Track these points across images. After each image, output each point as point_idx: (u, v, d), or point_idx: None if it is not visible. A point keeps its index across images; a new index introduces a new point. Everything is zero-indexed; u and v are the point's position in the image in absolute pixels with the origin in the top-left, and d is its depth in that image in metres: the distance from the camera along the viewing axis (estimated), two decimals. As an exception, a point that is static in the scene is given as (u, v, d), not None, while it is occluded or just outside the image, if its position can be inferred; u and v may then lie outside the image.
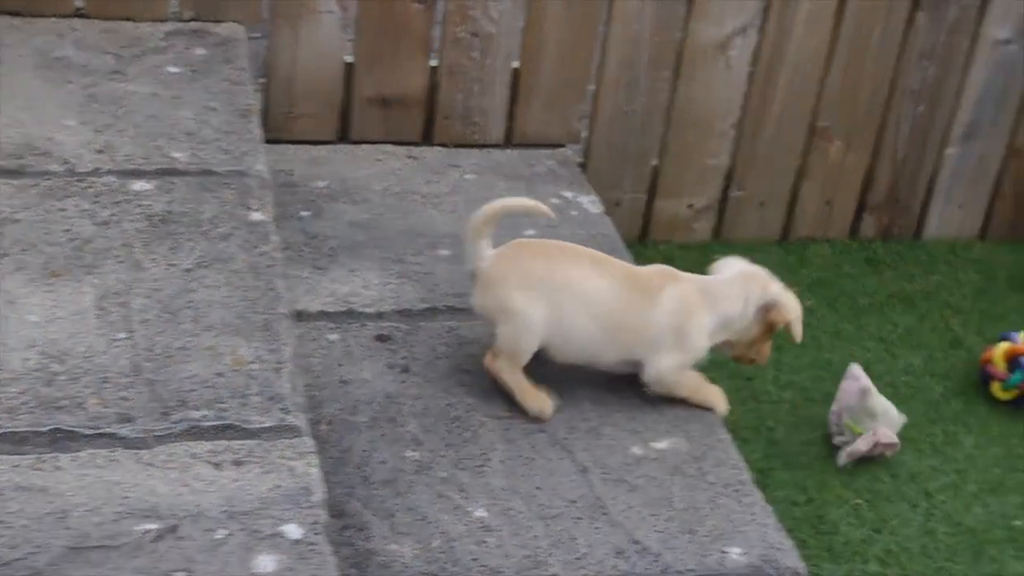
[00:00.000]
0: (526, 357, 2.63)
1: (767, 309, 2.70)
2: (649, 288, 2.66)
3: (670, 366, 2.67)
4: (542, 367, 2.65)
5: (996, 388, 3.29)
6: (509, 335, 2.62)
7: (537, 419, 2.62)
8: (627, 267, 2.74)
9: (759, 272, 2.76)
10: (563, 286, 2.60)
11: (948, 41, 3.65)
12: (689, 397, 2.72)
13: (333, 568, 1.90)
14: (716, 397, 2.76)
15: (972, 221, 3.93)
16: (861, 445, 3.00)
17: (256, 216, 2.59)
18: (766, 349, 2.77)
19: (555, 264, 2.63)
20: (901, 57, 3.64)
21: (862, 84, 3.64)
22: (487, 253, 2.63)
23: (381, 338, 2.77)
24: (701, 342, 2.68)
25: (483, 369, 2.65)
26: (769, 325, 2.71)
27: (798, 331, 2.69)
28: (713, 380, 2.78)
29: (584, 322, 2.61)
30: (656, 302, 2.65)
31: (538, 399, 2.64)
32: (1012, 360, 3.27)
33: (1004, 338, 3.32)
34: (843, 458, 3.01)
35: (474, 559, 2.31)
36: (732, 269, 2.77)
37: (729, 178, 3.70)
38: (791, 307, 2.70)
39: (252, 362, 2.23)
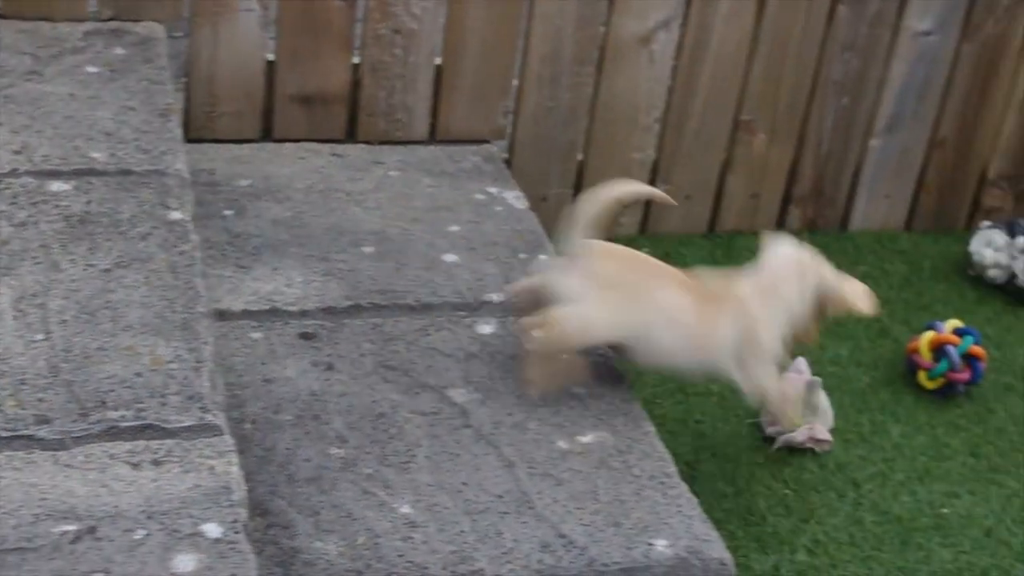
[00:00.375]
0: (571, 347, 2.67)
1: (824, 301, 2.75)
2: (717, 301, 2.68)
3: (761, 378, 2.72)
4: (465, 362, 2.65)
5: (922, 377, 3.31)
6: (571, 318, 2.63)
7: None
8: (698, 281, 2.74)
9: (810, 260, 2.78)
10: (649, 299, 2.65)
11: (870, 33, 3.68)
12: (771, 409, 2.88)
13: (253, 566, 1.89)
14: (788, 419, 2.91)
15: (897, 212, 3.96)
16: (798, 436, 3.02)
17: (175, 215, 2.57)
18: (815, 330, 2.79)
19: (644, 276, 2.69)
20: (823, 49, 3.66)
21: (785, 77, 3.66)
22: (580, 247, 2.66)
23: (305, 336, 2.75)
24: (774, 345, 2.71)
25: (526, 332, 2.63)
26: (822, 312, 2.75)
27: (868, 308, 2.78)
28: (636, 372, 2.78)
29: (666, 336, 2.66)
30: (723, 316, 2.68)
31: (571, 368, 2.70)
32: (937, 349, 3.30)
33: (930, 327, 3.34)
34: (779, 442, 3.02)
35: (400, 555, 2.29)
36: (784, 259, 2.76)
37: (655, 172, 3.71)
38: (853, 295, 2.77)
39: (171, 361, 2.21)
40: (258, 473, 2.40)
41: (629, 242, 3.68)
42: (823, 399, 3.08)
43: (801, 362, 3.10)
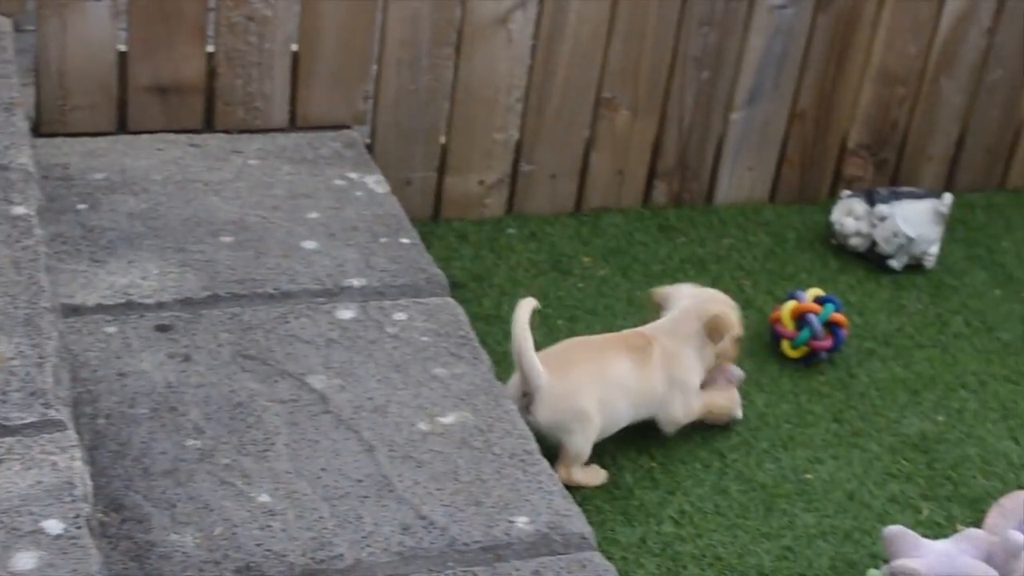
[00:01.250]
0: (589, 453, 2.87)
1: (709, 328, 3.02)
2: (643, 354, 2.94)
3: (679, 413, 2.99)
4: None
5: (786, 346, 3.35)
6: (582, 441, 2.85)
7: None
8: (621, 340, 2.98)
9: (702, 294, 3.11)
10: (606, 379, 2.88)
11: (726, 8, 3.71)
12: (706, 419, 3.06)
13: (95, 562, 1.87)
14: (725, 401, 3.08)
15: (761, 184, 4.00)
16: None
17: (19, 210, 2.53)
18: (732, 350, 3.07)
19: (596, 360, 2.90)
20: (681, 25, 3.68)
21: (644, 53, 3.68)
22: (540, 367, 2.81)
23: (161, 328, 2.72)
24: (694, 379, 3.01)
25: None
26: (712, 336, 3.02)
27: (734, 328, 3.06)
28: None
29: (623, 406, 2.91)
30: (651, 366, 2.94)
31: (596, 475, 2.90)
32: (800, 318, 3.33)
33: (791, 297, 3.38)
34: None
35: (258, 544, 2.28)
36: (682, 301, 3.07)
37: (519, 152, 3.71)
38: (728, 322, 3.04)
39: (13, 358, 2.17)
40: (112, 468, 2.37)
41: (497, 224, 3.71)
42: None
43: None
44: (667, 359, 2.96)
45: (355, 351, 2.75)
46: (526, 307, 2.80)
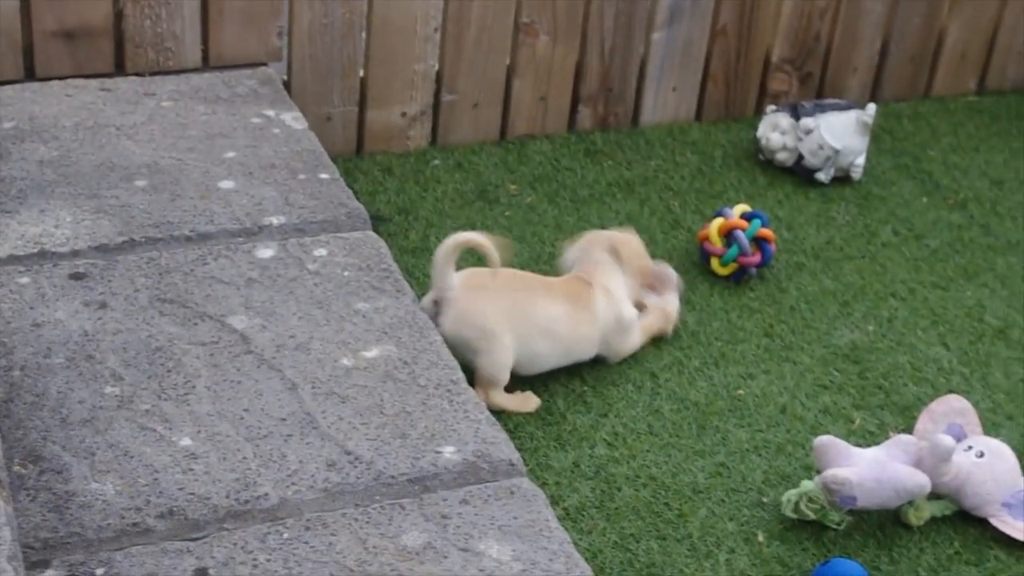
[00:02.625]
0: (506, 378, 2.86)
1: (613, 252, 3.03)
2: (582, 300, 2.94)
3: (633, 345, 3.04)
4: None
5: (715, 264, 3.33)
6: (489, 362, 2.83)
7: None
8: (562, 284, 2.99)
9: (600, 233, 3.10)
10: (528, 317, 2.87)
11: (641, -74, 3.67)
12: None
13: (2, 514, 1.83)
14: (661, 323, 3.10)
15: (687, 104, 3.97)
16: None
17: (-81, 162, 2.47)
18: (645, 268, 3.10)
19: (523, 293, 2.89)
20: (596, -54, 3.64)
21: (561, -24, 3.64)
22: (453, 282, 2.82)
23: (76, 276, 2.68)
24: (631, 311, 3.02)
25: None
26: (618, 258, 3.03)
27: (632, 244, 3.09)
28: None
29: (545, 349, 2.90)
30: (593, 312, 2.95)
31: (527, 401, 2.89)
32: (728, 235, 3.32)
33: (719, 214, 3.36)
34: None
35: (180, 488, 2.25)
36: (591, 246, 3.05)
37: (440, 82, 3.66)
38: (623, 238, 3.09)
39: (-85, 312, 2.13)
40: (29, 420, 2.33)
41: (422, 155, 3.67)
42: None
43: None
44: (606, 299, 2.96)
45: (276, 290, 2.71)
46: (465, 235, 2.84)
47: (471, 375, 2.78)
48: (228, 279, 2.72)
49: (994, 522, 2.66)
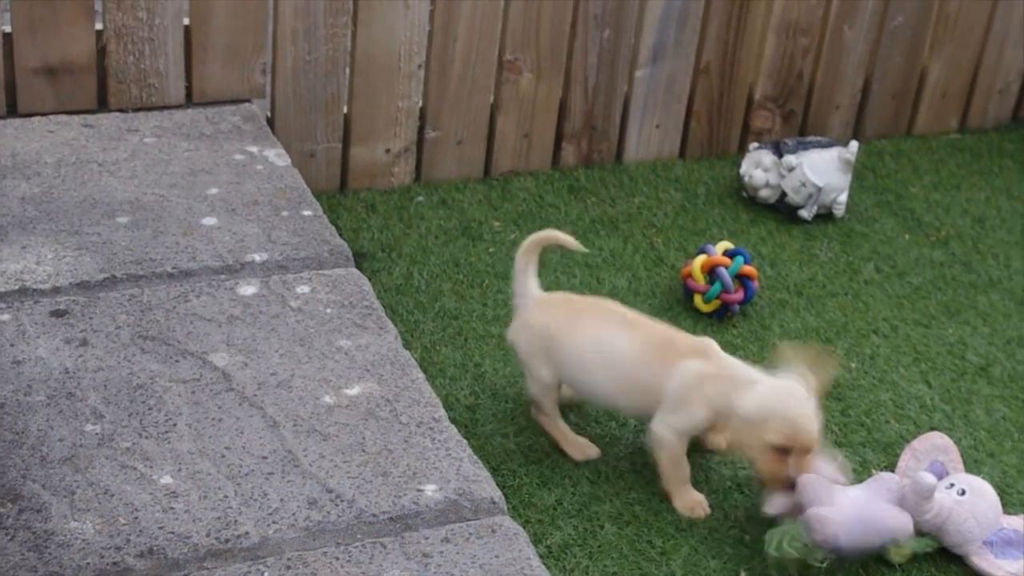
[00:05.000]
0: (547, 405, 2.82)
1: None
2: (673, 354, 2.69)
3: (664, 426, 2.71)
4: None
5: (699, 301, 3.34)
6: (530, 386, 2.83)
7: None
8: (665, 331, 2.77)
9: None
10: (588, 342, 2.74)
11: (625, -36, 3.68)
12: (663, 472, 2.75)
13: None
14: (680, 493, 2.76)
15: (670, 141, 3.98)
16: None
17: (-100, 198, 2.47)
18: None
19: (587, 319, 2.77)
20: (580, -16, 3.66)
21: (544, 14, 3.64)
22: (532, 293, 2.84)
23: (57, 313, 2.67)
24: (699, 414, 2.68)
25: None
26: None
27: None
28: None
29: (602, 377, 2.74)
30: (673, 369, 2.68)
31: (578, 446, 2.83)
32: (710, 272, 3.32)
33: (702, 251, 3.37)
34: None
35: (161, 527, 2.24)
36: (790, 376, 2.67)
37: (423, 119, 3.67)
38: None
39: None
40: (8, 458, 2.32)
41: (406, 192, 3.67)
42: None
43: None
44: (693, 382, 2.67)
45: (258, 327, 2.71)
46: (539, 234, 2.85)
47: (452, 412, 2.78)
48: (210, 316, 2.72)
49: (975, 560, 2.65)
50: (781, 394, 2.60)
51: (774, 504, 2.64)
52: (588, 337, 2.76)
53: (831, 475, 2.61)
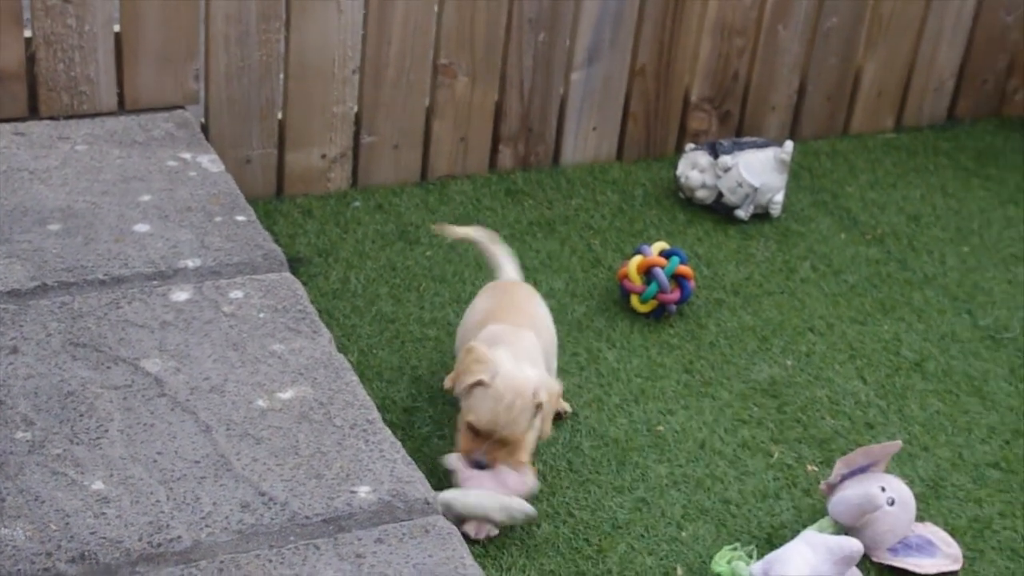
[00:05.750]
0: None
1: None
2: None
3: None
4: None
5: (635, 301, 3.35)
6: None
7: None
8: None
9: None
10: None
11: (558, -33, 3.69)
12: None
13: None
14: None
15: (607, 144, 3.99)
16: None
17: None
18: None
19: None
20: (513, -13, 3.66)
21: (478, 17, 3.64)
22: (508, 264, 3.09)
23: (-13, 321, 2.65)
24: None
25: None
26: None
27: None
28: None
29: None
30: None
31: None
32: (647, 272, 3.33)
33: (638, 252, 3.38)
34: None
35: (92, 532, 2.23)
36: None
37: (359, 124, 3.66)
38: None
39: None
40: (-64, 466, 2.30)
41: (342, 197, 3.66)
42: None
43: None
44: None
45: (190, 332, 2.69)
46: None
47: (389, 415, 2.78)
48: (142, 322, 2.70)
49: (875, 559, 2.68)
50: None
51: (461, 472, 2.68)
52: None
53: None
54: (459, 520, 2.56)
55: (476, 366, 2.66)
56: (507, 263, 3.08)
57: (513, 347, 2.73)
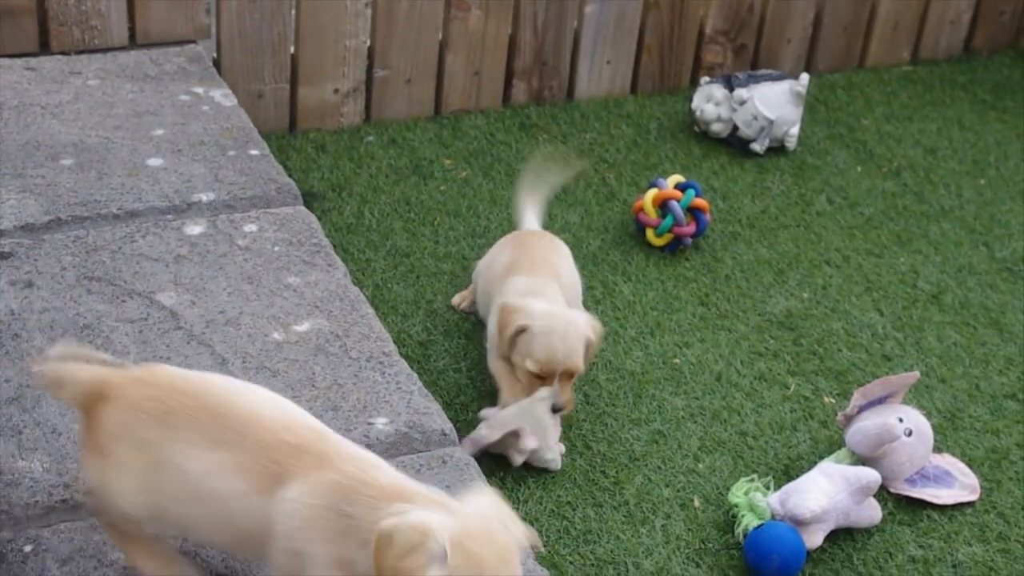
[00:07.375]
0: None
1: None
2: None
3: None
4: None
5: (650, 235, 3.33)
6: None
7: None
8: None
9: None
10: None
11: (572, -102, 3.65)
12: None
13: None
14: None
15: (622, 77, 3.96)
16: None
17: None
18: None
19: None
20: (526, -82, 3.63)
21: (492, -51, 3.62)
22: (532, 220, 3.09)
23: (2, 256, 2.64)
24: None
25: None
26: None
27: None
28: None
29: None
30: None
31: None
32: (662, 205, 3.32)
33: (653, 185, 3.36)
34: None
35: (109, 465, 2.23)
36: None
37: (372, 58, 3.64)
38: None
39: None
40: (-47, 399, 2.30)
41: (355, 132, 3.64)
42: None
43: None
44: None
45: (205, 266, 2.68)
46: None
47: (404, 348, 2.77)
48: (157, 256, 2.69)
49: (892, 489, 2.68)
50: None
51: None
52: None
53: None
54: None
55: (512, 316, 2.66)
56: (529, 212, 3.07)
57: (540, 298, 2.73)
